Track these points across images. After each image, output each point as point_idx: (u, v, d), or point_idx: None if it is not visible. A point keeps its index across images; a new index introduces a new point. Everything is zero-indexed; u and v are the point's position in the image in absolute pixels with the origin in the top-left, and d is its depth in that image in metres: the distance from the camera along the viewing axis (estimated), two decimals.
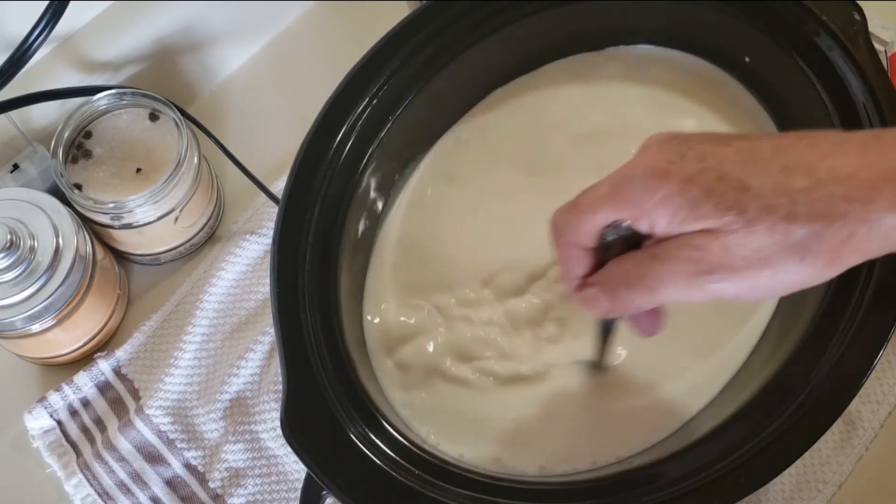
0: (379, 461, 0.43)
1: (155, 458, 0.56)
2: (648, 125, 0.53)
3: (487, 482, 0.44)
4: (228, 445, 0.56)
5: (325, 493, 0.46)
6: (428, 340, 0.52)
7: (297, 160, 0.48)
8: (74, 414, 0.57)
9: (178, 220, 0.57)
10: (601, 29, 0.54)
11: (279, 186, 0.61)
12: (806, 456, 0.45)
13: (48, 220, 0.52)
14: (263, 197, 0.61)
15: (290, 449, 0.44)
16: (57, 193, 0.54)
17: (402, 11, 0.53)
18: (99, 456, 0.56)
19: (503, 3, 0.51)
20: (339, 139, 0.49)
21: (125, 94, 0.57)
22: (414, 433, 0.48)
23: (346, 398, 0.44)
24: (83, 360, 0.59)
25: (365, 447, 0.43)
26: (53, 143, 0.55)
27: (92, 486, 0.55)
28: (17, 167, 0.57)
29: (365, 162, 0.50)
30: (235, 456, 0.56)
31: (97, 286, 0.55)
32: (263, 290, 0.60)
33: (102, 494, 0.55)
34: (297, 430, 0.43)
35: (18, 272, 0.51)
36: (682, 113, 0.55)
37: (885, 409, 0.55)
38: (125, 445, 0.56)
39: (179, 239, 0.60)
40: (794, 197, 0.31)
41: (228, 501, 0.55)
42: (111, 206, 0.54)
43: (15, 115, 0.55)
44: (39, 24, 0.51)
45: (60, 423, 0.57)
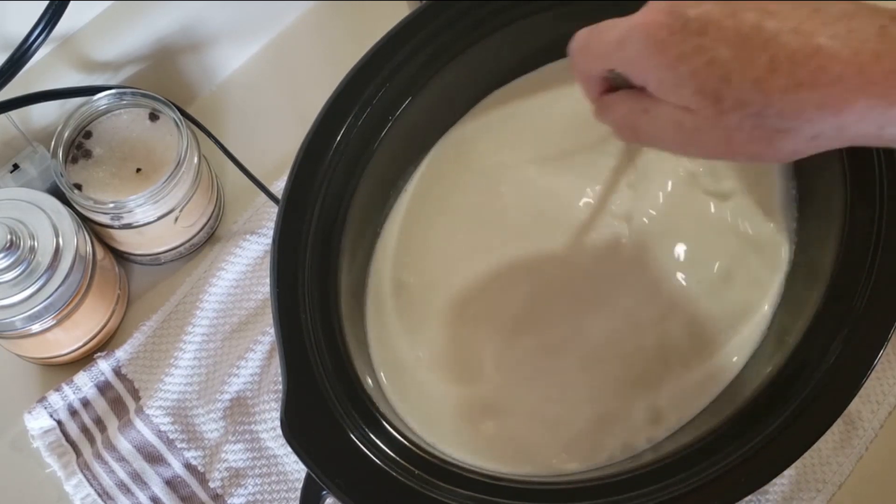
0: (379, 461, 0.43)
1: (155, 458, 0.56)
2: None
3: (487, 482, 0.44)
4: (228, 445, 0.56)
5: (324, 493, 0.46)
6: (427, 340, 0.52)
7: (297, 160, 0.48)
8: (74, 414, 0.57)
9: (178, 220, 0.57)
10: None
11: (279, 186, 0.61)
12: (806, 456, 0.45)
13: (48, 220, 0.52)
14: (263, 197, 0.61)
15: (290, 449, 0.44)
16: (57, 193, 0.54)
17: (402, 11, 0.52)
18: (99, 456, 0.56)
19: (503, 3, 0.51)
20: (339, 139, 0.49)
21: (125, 94, 0.57)
22: (414, 433, 0.48)
23: (346, 398, 0.44)
24: (83, 360, 0.59)
25: (365, 447, 0.43)
26: (53, 143, 0.55)
27: (92, 486, 0.55)
28: (17, 167, 0.57)
29: (365, 162, 0.50)
30: (235, 456, 0.56)
31: (97, 286, 0.55)
32: (263, 290, 0.60)
33: (102, 494, 0.55)
34: (297, 430, 0.43)
35: (18, 272, 0.51)
36: None
37: (885, 409, 0.55)
38: (125, 445, 0.56)
39: (179, 239, 0.60)
40: (769, 95, 0.33)
41: (228, 501, 0.55)
42: (111, 206, 0.54)
43: (15, 114, 0.55)
44: (39, 24, 0.51)
45: (60, 423, 0.57)
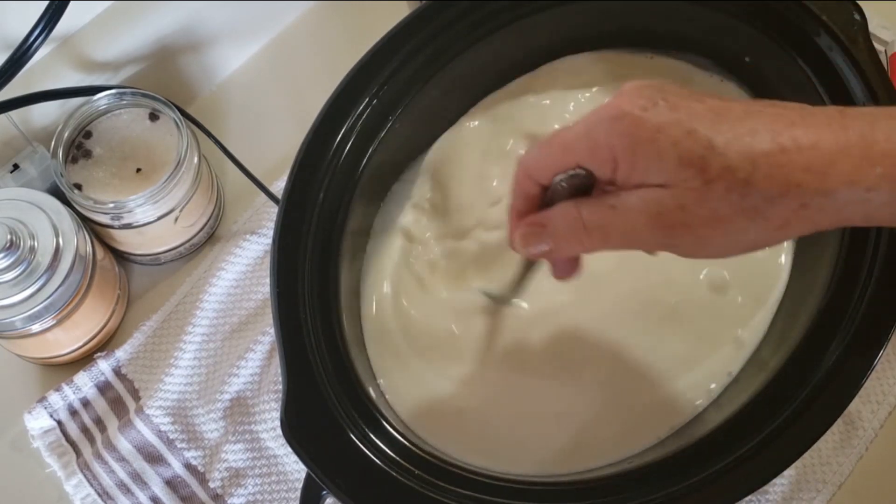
0: (379, 461, 0.43)
1: (155, 457, 0.56)
2: None
3: (487, 482, 0.44)
4: (228, 445, 0.56)
5: (324, 493, 0.46)
6: (424, 334, 0.52)
7: (297, 160, 0.48)
8: (74, 414, 0.57)
9: (178, 220, 0.57)
10: (601, 29, 0.54)
11: (279, 186, 0.61)
12: (806, 456, 0.45)
13: (48, 220, 0.52)
14: (263, 197, 0.61)
15: (290, 449, 0.44)
16: (57, 193, 0.54)
17: (402, 11, 0.52)
18: (99, 456, 0.56)
19: (503, 3, 0.51)
20: (339, 139, 0.49)
21: (125, 93, 0.57)
22: (413, 433, 0.48)
23: (346, 398, 0.44)
24: (83, 360, 0.59)
25: (365, 447, 0.43)
26: (53, 143, 0.55)
27: (92, 485, 0.55)
28: (17, 167, 0.57)
29: (365, 162, 0.50)
30: (235, 456, 0.56)
31: (97, 286, 0.55)
32: (263, 290, 0.60)
33: (102, 494, 0.55)
34: (297, 430, 0.43)
35: (18, 272, 0.51)
36: None
37: (885, 409, 0.55)
38: (125, 445, 0.56)
39: (179, 239, 0.60)
40: (756, 160, 0.32)
41: (228, 501, 0.55)
42: (111, 206, 0.54)
43: (15, 114, 0.55)
44: (39, 24, 0.51)
45: (60, 423, 0.57)
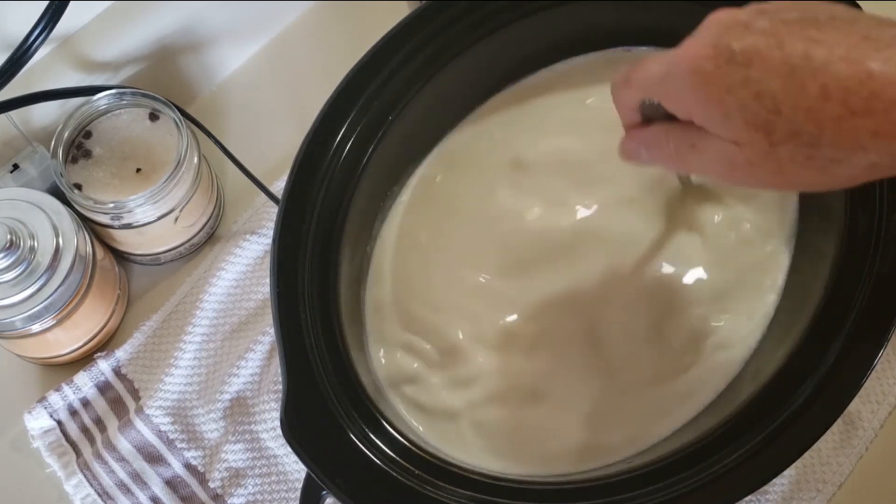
0: (379, 461, 0.43)
1: (155, 458, 0.56)
2: None
3: (487, 482, 0.44)
4: (228, 445, 0.56)
5: (324, 493, 0.46)
6: (427, 340, 0.52)
7: (297, 160, 0.48)
8: (74, 414, 0.57)
9: (178, 220, 0.57)
10: (602, 29, 0.54)
11: (279, 186, 0.61)
12: (806, 456, 0.45)
13: (48, 220, 0.52)
14: (263, 197, 0.61)
15: (290, 449, 0.44)
16: (57, 193, 0.54)
17: (402, 11, 0.52)
18: (99, 456, 0.56)
19: (503, 3, 0.51)
20: (339, 139, 0.49)
21: (125, 94, 0.57)
22: (413, 433, 0.48)
23: (346, 398, 0.44)
24: (83, 360, 0.59)
25: (365, 447, 0.43)
26: (53, 142, 0.55)
27: (92, 486, 0.55)
28: (16, 167, 0.57)
29: (365, 162, 0.50)
30: (235, 456, 0.56)
31: (97, 286, 0.55)
32: (263, 290, 0.60)
33: (102, 494, 0.55)
34: (297, 430, 0.43)
35: (18, 272, 0.51)
36: None
37: (885, 409, 0.55)
38: (125, 445, 0.56)
39: (179, 239, 0.60)
40: (822, 125, 0.32)
41: (228, 501, 0.55)
42: (111, 206, 0.54)
43: (15, 114, 0.55)
44: (39, 24, 0.51)
45: (60, 423, 0.57)
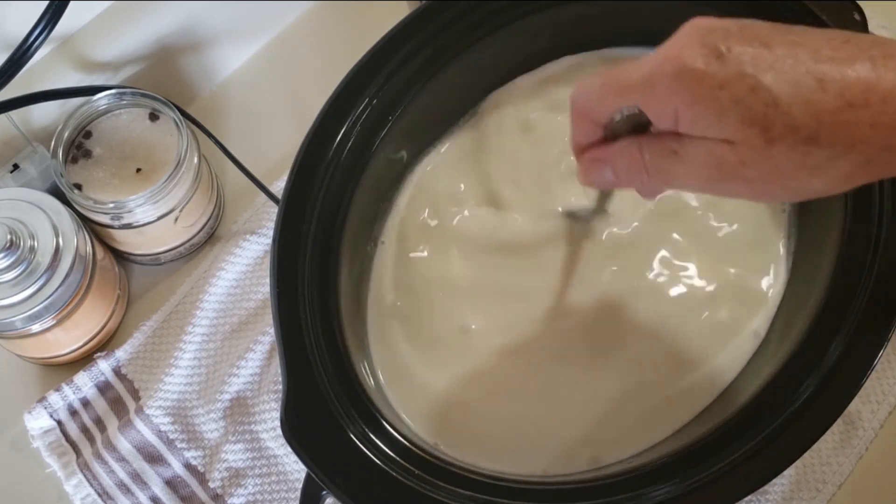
0: (379, 461, 0.43)
1: (155, 458, 0.56)
2: None
3: (488, 482, 0.44)
4: (228, 445, 0.56)
5: (324, 493, 0.46)
6: (427, 340, 0.52)
7: (297, 160, 0.48)
8: (74, 414, 0.57)
9: (177, 220, 0.57)
10: (601, 29, 0.54)
11: (279, 186, 0.61)
12: (806, 456, 0.45)
13: (48, 220, 0.52)
14: (263, 197, 0.61)
15: (290, 449, 0.44)
16: (57, 193, 0.54)
17: (402, 11, 0.52)
18: (99, 456, 0.56)
19: (503, 3, 0.51)
20: (339, 139, 0.49)
21: (125, 93, 0.57)
22: (413, 433, 0.48)
23: (346, 398, 0.44)
24: (83, 360, 0.59)
25: (365, 447, 0.43)
26: (53, 142, 0.55)
27: (92, 486, 0.55)
28: (16, 167, 0.57)
29: (365, 162, 0.50)
30: (235, 456, 0.56)
31: (97, 286, 0.55)
32: (263, 290, 0.60)
33: (102, 494, 0.55)
34: (296, 430, 0.43)
35: (18, 272, 0.51)
36: None
37: (885, 409, 0.55)
38: (125, 445, 0.56)
39: (179, 239, 0.60)
40: (820, 118, 0.31)
41: (228, 501, 0.55)
42: (111, 206, 0.54)
43: (15, 114, 0.55)
44: (39, 24, 0.51)
45: (60, 423, 0.57)
